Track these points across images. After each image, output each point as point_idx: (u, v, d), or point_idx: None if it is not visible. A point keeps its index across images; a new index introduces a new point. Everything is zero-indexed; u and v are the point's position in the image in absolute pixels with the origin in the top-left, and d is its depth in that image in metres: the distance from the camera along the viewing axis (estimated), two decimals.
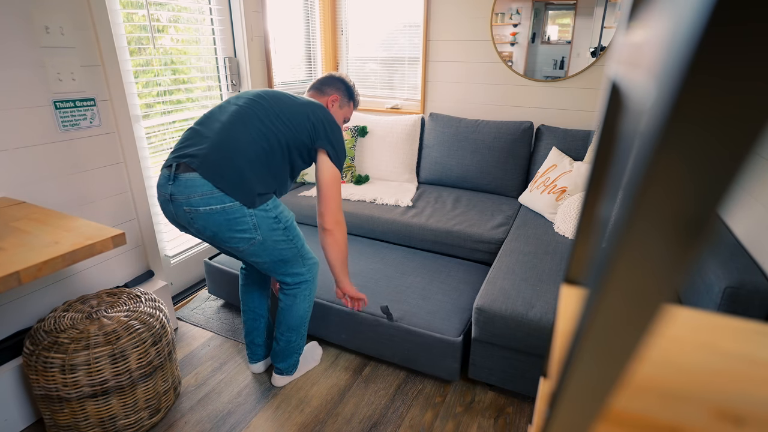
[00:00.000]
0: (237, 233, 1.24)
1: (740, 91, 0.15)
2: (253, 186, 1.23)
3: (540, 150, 2.33)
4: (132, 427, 1.34)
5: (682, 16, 0.16)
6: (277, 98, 1.35)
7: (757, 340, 0.49)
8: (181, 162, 1.22)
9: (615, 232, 0.19)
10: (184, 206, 1.21)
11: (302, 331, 1.54)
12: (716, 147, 0.16)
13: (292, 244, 1.36)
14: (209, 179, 1.19)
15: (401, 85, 2.83)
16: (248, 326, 1.61)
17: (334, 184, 1.38)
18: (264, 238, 1.28)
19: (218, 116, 1.30)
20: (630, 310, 0.20)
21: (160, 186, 1.27)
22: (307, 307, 1.50)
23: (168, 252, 2.03)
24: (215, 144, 1.22)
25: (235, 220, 1.22)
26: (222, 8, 2.13)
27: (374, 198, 2.31)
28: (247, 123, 1.26)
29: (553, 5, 2.30)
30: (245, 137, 1.24)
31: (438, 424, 1.45)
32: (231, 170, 1.21)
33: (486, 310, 1.43)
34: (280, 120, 1.31)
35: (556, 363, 0.47)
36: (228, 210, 1.21)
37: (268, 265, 1.36)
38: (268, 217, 1.28)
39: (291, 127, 1.32)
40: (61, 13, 1.39)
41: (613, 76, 0.39)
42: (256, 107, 1.30)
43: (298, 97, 1.41)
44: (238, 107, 1.30)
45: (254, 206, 1.24)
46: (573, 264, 0.52)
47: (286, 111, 1.33)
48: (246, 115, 1.28)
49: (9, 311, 1.37)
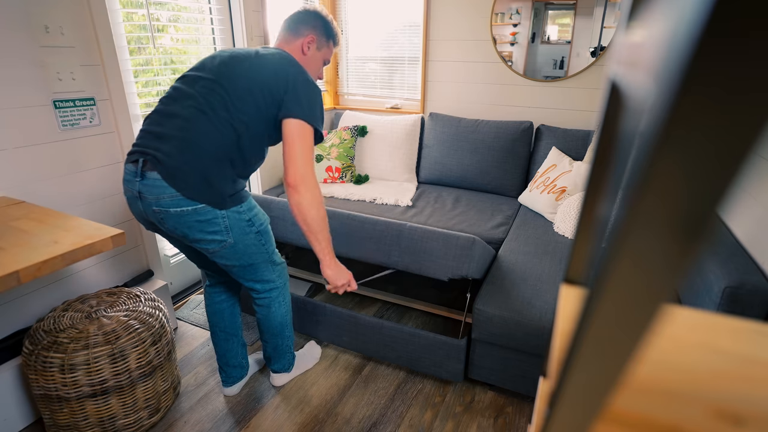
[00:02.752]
0: (208, 235, 1.17)
1: (739, 92, 0.15)
2: (222, 188, 1.15)
3: (540, 150, 2.33)
4: (131, 426, 1.34)
5: (681, 16, 0.16)
6: (242, 71, 1.20)
7: (756, 340, 0.49)
8: (147, 158, 1.12)
9: (615, 232, 0.19)
10: (154, 206, 1.13)
11: (287, 333, 1.50)
12: (715, 148, 0.16)
13: (263, 248, 1.30)
14: (174, 187, 1.11)
15: (401, 84, 2.83)
16: (221, 348, 1.50)
17: (299, 135, 1.20)
18: (235, 240, 1.21)
19: (183, 101, 1.16)
20: (629, 310, 0.20)
21: (126, 182, 1.16)
22: (284, 312, 1.45)
23: (167, 251, 2.03)
24: (177, 147, 1.11)
25: (207, 221, 1.16)
26: (222, 8, 2.13)
27: (374, 198, 2.31)
28: (210, 115, 1.14)
29: (553, 5, 2.30)
30: (209, 133, 1.13)
31: (437, 424, 1.45)
32: (195, 177, 1.12)
33: (486, 310, 1.43)
34: (246, 99, 1.17)
35: (555, 363, 0.47)
36: (200, 211, 1.14)
37: (237, 269, 1.29)
38: (241, 219, 1.21)
39: (258, 104, 1.18)
40: (61, 13, 1.39)
41: (612, 76, 0.39)
42: (218, 91, 1.16)
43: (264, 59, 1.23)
44: (200, 93, 1.16)
45: (225, 207, 1.17)
46: (573, 264, 0.52)
47: (251, 87, 1.18)
48: (208, 104, 1.15)
49: (8, 311, 1.37)
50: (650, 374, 0.44)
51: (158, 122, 1.16)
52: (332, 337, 1.73)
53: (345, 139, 2.55)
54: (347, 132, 2.57)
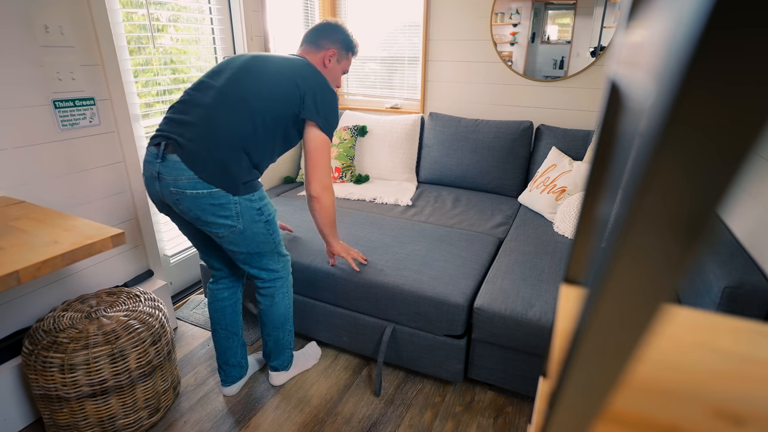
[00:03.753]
0: (219, 219, 1.24)
1: (739, 92, 0.15)
2: (237, 175, 1.23)
3: (539, 150, 2.33)
4: (131, 426, 1.34)
5: (681, 16, 0.16)
6: (264, 69, 1.31)
7: (756, 339, 0.49)
8: (169, 142, 1.20)
9: (614, 232, 0.19)
10: (171, 187, 1.20)
11: (288, 327, 1.53)
12: (715, 148, 0.16)
13: (270, 238, 1.36)
14: (192, 170, 1.18)
15: (401, 84, 2.83)
16: (221, 346, 1.51)
17: (322, 149, 1.35)
18: (244, 227, 1.28)
19: (207, 91, 1.26)
20: (629, 309, 0.20)
21: (147, 162, 1.24)
22: (287, 304, 1.50)
23: (167, 251, 2.03)
24: (198, 134, 1.20)
25: (220, 206, 1.23)
26: (222, 8, 2.13)
27: (374, 197, 2.31)
28: (232, 106, 1.24)
29: (552, 5, 2.30)
30: (229, 123, 1.22)
31: (437, 424, 1.45)
32: (213, 163, 1.20)
33: (485, 310, 1.43)
34: (266, 95, 1.27)
35: (555, 362, 0.47)
36: (214, 195, 1.21)
37: (244, 256, 1.35)
38: (252, 208, 1.27)
39: (278, 101, 1.28)
40: (61, 13, 1.39)
41: (612, 76, 0.39)
42: (240, 85, 1.27)
43: (287, 61, 1.35)
44: (223, 86, 1.26)
45: (239, 194, 1.24)
46: (572, 264, 0.52)
47: (272, 84, 1.29)
48: (230, 96, 1.25)
49: (8, 311, 1.37)
50: (650, 374, 0.44)
51: (182, 110, 1.25)
52: (332, 337, 1.73)
53: (345, 138, 2.55)
54: (347, 132, 2.57)
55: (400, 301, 1.53)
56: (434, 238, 1.83)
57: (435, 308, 1.48)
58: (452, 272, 1.57)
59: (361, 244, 1.76)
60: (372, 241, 1.78)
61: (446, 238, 1.83)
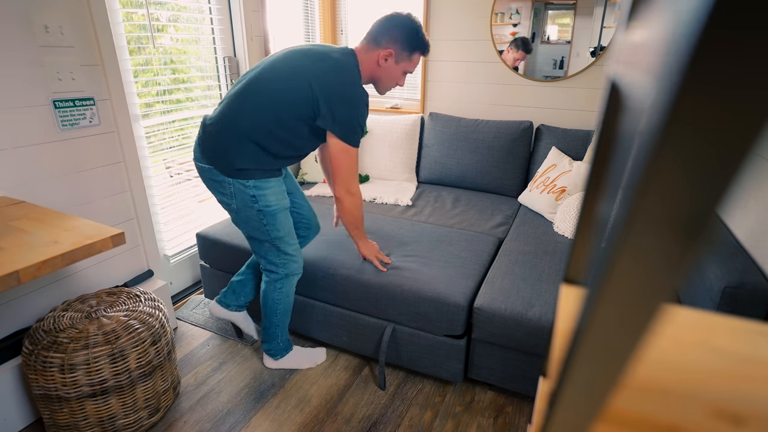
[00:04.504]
0: (219, 194, 1.40)
1: (739, 92, 0.15)
2: (231, 160, 1.32)
3: (539, 150, 2.33)
4: (131, 426, 1.34)
5: (681, 17, 0.16)
6: (286, 65, 1.31)
7: (755, 339, 0.49)
8: (203, 126, 1.39)
9: (614, 232, 0.19)
10: (198, 161, 1.40)
11: (274, 321, 1.58)
12: (715, 148, 0.16)
13: (264, 228, 1.41)
14: (200, 147, 1.38)
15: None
16: (237, 277, 1.69)
17: (341, 156, 1.35)
18: (238, 208, 1.39)
19: (240, 83, 1.36)
20: (629, 310, 0.20)
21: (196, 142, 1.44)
22: (276, 299, 1.54)
23: (167, 251, 2.03)
24: (215, 119, 1.35)
25: (219, 182, 1.37)
26: (222, 7, 2.13)
27: (374, 197, 2.31)
28: (249, 97, 1.31)
29: (552, 5, 2.30)
30: (239, 113, 1.31)
31: (437, 424, 1.45)
32: (215, 144, 1.34)
33: (485, 310, 1.43)
34: (279, 94, 1.30)
35: (555, 362, 0.47)
36: (213, 171, 1.36)
37: (246, 238, 1.48)
38: (245, 192, 1.36)
39: (289, 102, 1.30)
40: (61, 13, 1.39)
41: (612, 76, 0.39)
42: (262, 79, 1.32)
43: (315, 56, 1.32)
44: (251, 79, 1.34)
45: (231, 177, 1.34)
46: (572, 264, 0.52)
47: (285, 86, 1.29)
48: (249, 90, 1.32)
49: (8, 311, 1.37)
50: (650, 374, 0.44)
51: (221, 102, 1.39)
52: (332, 337, 1.73)
53: None
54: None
55: (399, 301, 1.53)
56: (434, 238, 1.83)
57: (435, 308, 1.48)
58: (452, 272, 1.57)
59: None
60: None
61: (446, 238, 1.83)
